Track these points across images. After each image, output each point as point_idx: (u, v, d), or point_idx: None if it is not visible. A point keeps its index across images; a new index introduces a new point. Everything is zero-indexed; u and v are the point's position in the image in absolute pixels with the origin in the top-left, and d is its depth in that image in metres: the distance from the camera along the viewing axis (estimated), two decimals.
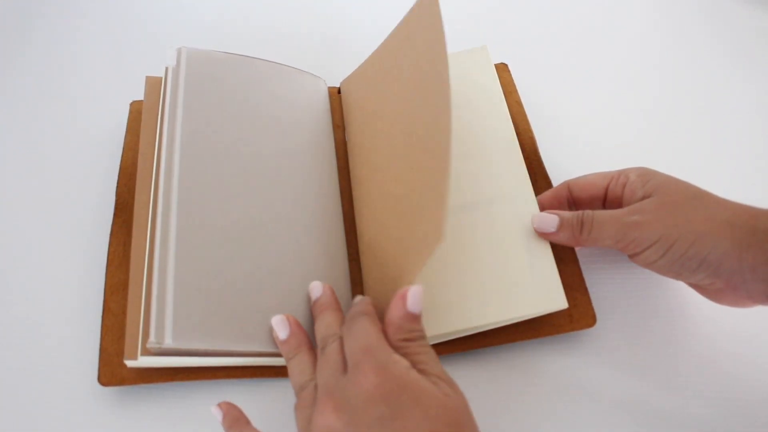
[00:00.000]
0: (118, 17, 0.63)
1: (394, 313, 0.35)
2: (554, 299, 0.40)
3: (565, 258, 0.44)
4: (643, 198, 0.39)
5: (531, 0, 0.64)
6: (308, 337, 0.39)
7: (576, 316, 0.42)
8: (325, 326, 0.38)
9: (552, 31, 0.61)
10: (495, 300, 0.40)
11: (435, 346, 0.41)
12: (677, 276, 0.38)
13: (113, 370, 0.41)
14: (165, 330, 0.37)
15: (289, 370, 0.38)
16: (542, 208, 0.44)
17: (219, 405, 0.39)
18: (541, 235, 0.42)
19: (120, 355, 0.41)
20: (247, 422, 0.38)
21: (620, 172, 0.41)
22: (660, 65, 0.59)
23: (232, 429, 0.38)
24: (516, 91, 0.54)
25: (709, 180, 0.49)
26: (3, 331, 0.44)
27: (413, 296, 0.34)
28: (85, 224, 0.49)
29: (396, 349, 0.34)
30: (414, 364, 0.33)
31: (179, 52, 0.49)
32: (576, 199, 0.44)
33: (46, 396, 0.41)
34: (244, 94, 0.49)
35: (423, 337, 0.35)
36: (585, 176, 0.43)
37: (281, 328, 0.39)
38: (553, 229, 0.41)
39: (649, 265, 0.38)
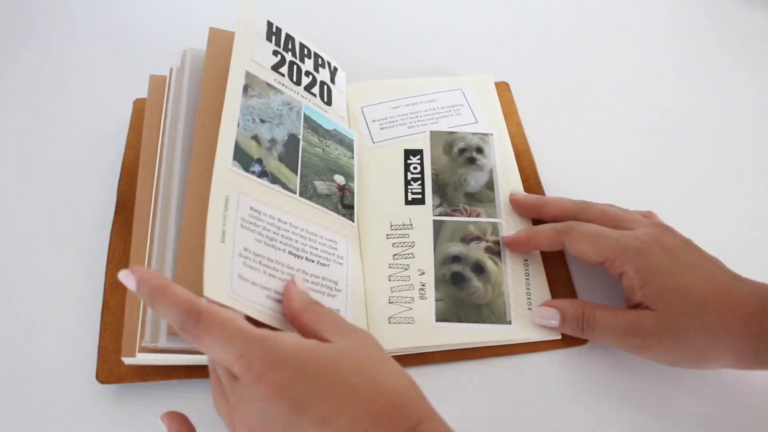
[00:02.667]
0: (122, 13, 0.63)
1: (290, 291, 0.38)
2: (549, 332, 0.44)
3: (561, 278, 0.47)
4: (641, 304, 0.39)
5: (533, 18, 0.65)
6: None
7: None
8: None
9: (553, 48, 0.63)
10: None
11: (443, 353, 0.44)
12: None
13: (111, 368, 0.41)
14: (160, 329, 0.38)
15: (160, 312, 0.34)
16: (518, 205, 0.49)
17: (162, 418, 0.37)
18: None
19: (118, 353, 0.41)
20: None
21: (616, 256, 0.40)
22: (662, 81, 0.60)
23: None
24: (516, 111, 0.56)
25: (713, 184, 0.52)
26: (2, 327, 0.43)
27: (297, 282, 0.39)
28: (87, 221, 0.48)
29: (297, 314, 0.37)
30: (313, 330, 0.35)
31: (184, 53, 0.49)
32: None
33: (44, 392, 0.41)
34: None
35: (316, 302, 0.38)
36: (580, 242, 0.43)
37: (129, 280, 0.34)
38: (555, 324, 0.43)
39: None
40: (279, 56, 0.49)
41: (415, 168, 0.51)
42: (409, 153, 0.52)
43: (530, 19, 0.65)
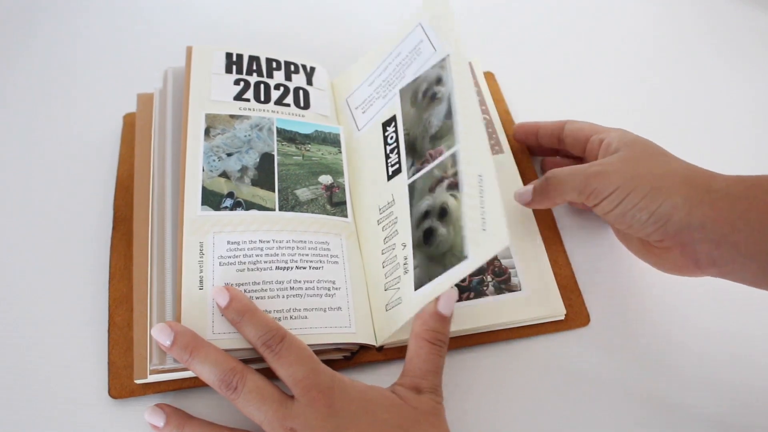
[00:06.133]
0: (115, 25, 0.63)
1: (426, 309, 0.39)
2: (554, 308, 0.44)
3: (560, 261, 0.46)
4: (613, 153, 0.41)
5: (517, 8, 0.65)
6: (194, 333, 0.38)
7: (571, 315, 0.44)
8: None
9: (539, 38, 0.62)
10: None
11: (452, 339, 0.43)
12: (629, 228, 0.39)
13: (122, 383, 0.41)
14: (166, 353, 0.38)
15: (198, 371, 0.37)
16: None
17: (156, 408, 0.39)
18: (524, 204, 0.44)
19: (128, 368, 0.42)
20: (190, 416, 0.39)
21: (607, 132, 0.44)
22: (651, 69, 0.59)
23: (185, 427, 0.38)
24: (503, 99, 0.55)
25: None
26: (8, 341, 0.44)
27: (444, 299, 0.38)
28: (85, 235, 0.48)
29: (417, 339, 0.38)
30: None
31: (165, 73, 0.49)
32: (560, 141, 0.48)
33: (58, 408, 0.41)
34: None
35: (441, 343, 0.38)
36: (581, 123, 0.46)
37: (164, 336, 0.37)
38: (530, 197, 0.43)
39: (606, 215, 0.40)
40: (242, 83, 0.50)
41: (391, 138, 0.47)
42: (385, 125, 0.48)
43: (518, 8, 0.64)
